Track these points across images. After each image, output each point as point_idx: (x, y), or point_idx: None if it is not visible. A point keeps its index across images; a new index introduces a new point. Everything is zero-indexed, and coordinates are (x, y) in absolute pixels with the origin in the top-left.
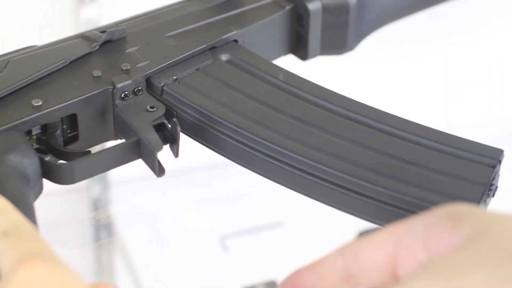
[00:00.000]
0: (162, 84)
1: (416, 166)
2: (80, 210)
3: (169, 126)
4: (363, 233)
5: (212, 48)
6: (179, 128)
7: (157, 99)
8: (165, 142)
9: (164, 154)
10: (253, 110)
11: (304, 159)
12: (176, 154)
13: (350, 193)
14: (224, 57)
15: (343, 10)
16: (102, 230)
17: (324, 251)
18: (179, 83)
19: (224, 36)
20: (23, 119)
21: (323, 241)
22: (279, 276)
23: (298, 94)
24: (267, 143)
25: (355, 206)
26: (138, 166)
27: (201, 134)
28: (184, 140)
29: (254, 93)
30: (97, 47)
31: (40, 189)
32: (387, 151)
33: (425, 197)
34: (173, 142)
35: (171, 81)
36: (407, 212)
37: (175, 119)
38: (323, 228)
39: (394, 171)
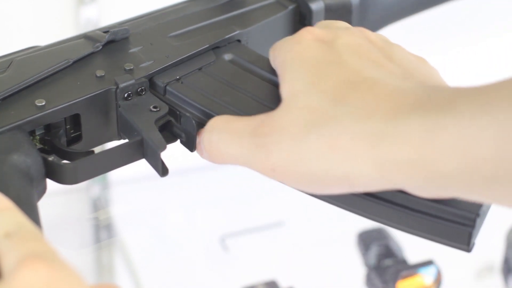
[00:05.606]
0: (165, 84)
1: None
2: (80, 210)
3: (181, 122)
4: (363, 233)
5: (215, 48)
6: (194, 122)
7: (160, 99)
8: (169, 141)
9: (165, 154)
10: (256, 110)
11: None
12: (192, 148)
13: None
14: (227, 56)
15: (346, 9)
16: (102, 230)
17: (324, 251)
18: (182, 82)
19: (227, 36)
20: (27, 119)
21: (323, 241)
22: (279, 276)
23: None
24: None
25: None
26: (138, 166)
27: None
28: None
29: (257, 92)
30: (100, 47)
31: (43, 189)
32: None
33: None
34: (189, 137)
35: (174, 81)
36: None
37: (188, 114)
38: (323, 228)
39: None
